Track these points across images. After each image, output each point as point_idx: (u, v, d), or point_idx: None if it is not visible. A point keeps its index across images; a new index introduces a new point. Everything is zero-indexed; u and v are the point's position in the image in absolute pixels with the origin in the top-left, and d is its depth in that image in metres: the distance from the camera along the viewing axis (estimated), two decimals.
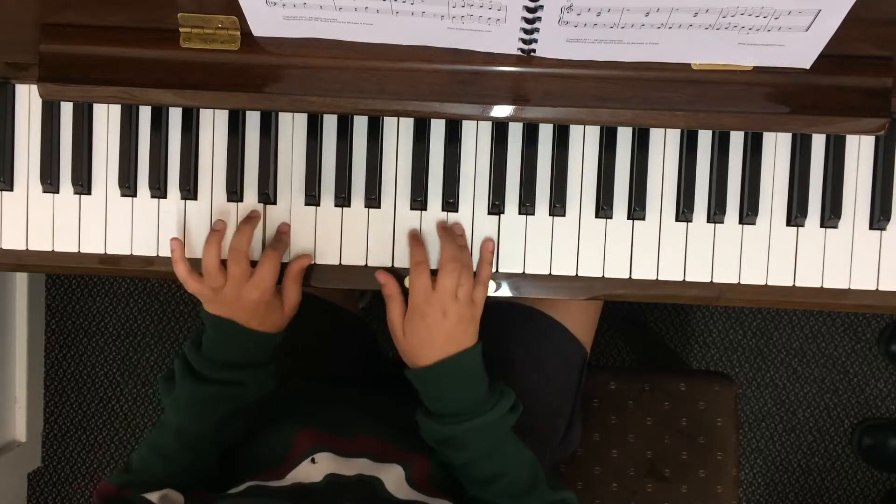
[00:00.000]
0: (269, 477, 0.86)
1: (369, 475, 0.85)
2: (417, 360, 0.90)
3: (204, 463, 0.93)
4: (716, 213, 0.98)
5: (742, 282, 0.99)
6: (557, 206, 0.98)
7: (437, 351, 0.89)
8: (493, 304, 1.15)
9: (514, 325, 1.14)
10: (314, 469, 0.86)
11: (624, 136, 0.98)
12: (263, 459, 0.90)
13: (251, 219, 0.96)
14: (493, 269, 0.99)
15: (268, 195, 0.99)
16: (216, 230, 0.94)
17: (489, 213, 0.99)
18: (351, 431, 0.92)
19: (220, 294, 0.91)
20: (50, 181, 1.00)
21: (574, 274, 0.99)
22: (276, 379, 0.97)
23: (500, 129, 0.98)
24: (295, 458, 0.88)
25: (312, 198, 0.99)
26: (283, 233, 0.98)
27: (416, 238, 0.97)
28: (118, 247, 1.00)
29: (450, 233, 0.96)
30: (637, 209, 0.98)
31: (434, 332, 0.89)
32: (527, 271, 0.99)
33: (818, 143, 0.98)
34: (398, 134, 0.99)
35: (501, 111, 0.91)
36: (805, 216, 0.98)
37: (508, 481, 0.89)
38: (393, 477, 0.86)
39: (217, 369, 0.91)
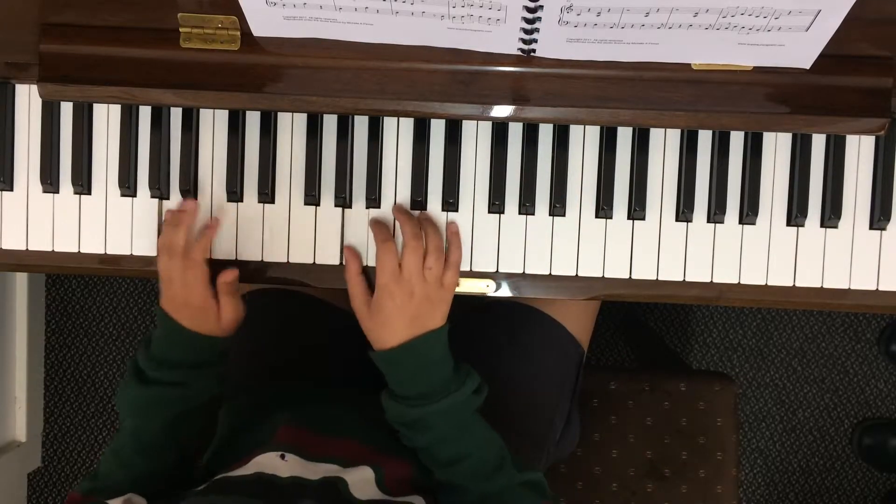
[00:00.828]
0: (235, 468, 0.85)
1: (333, 476, 0.84)
2: (382, 339, 0.90)
3: (164, 466, 0.92)
4: (716, 213, 0.98)
5: (742, 282, 0.99)
6: (557, 206, 0.98)
7: (403, 331, 0.89)
8: (491, 304, 1.16)
9: (512, 324, 1.14)
10: (282, 465, 0.84)
11: (624, 137, 0.98)
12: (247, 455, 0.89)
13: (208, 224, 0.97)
14: (494, 269, 0.99)
15: (267, 195, 0.99)
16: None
17: (489, 213, 0.99)
18: (339, 432, 0.91)
19: (171, 286, 0.93)
20: (50, 181, 1.00)
21: (574, 274, 0.99)
22: (223, 382, 0.96)
23: (500, 129, 0.98)
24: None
25: (312, 198, 0.99)
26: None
27: (377, 220, 0.98)
28: (118, 247, 1.01)
29: (407, 213, 0.96)
30: (637, 209, 0.98)
31: (402, 311, 0.89)
32: (527, 271, 0.99)
33: (818, 143, 0.98)
34: (398, 134, 0.99)
35: (501, 111, 0.91)
36: (805, 216, 0.98)
37: (474, 462, 0.88)
38: (359, 479, 0.84)
39: (159, 369, 0.91)
